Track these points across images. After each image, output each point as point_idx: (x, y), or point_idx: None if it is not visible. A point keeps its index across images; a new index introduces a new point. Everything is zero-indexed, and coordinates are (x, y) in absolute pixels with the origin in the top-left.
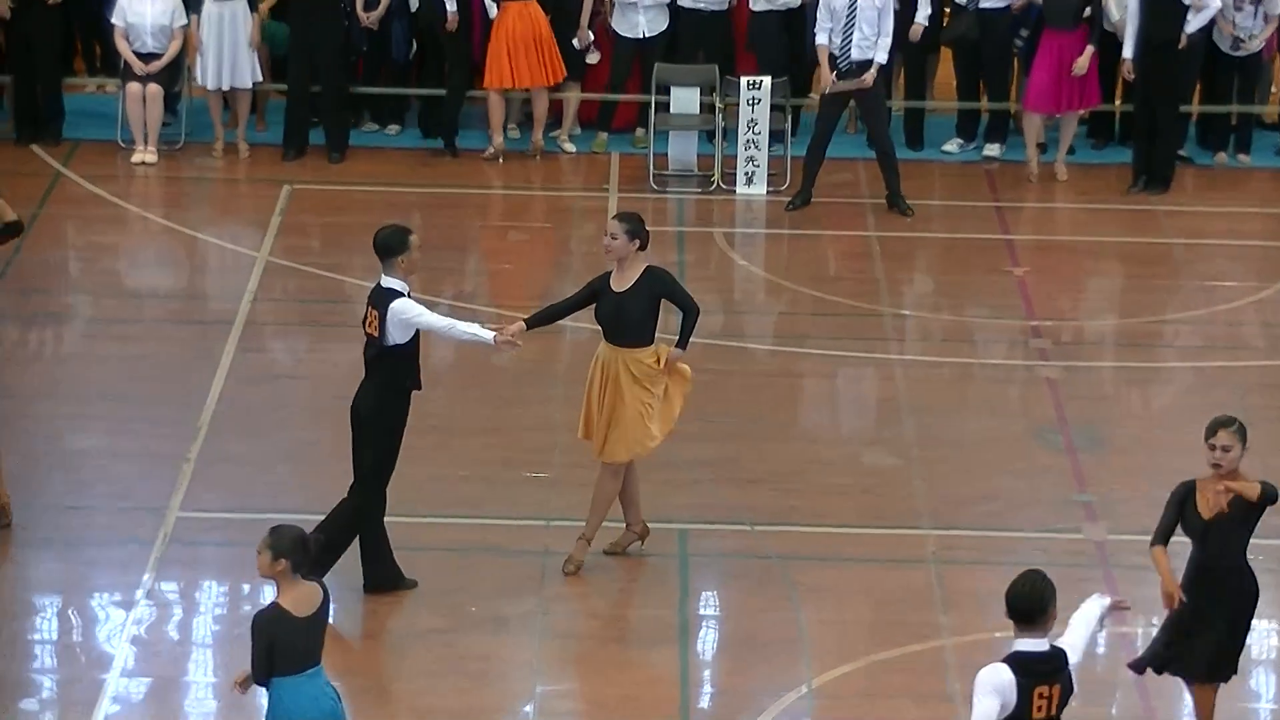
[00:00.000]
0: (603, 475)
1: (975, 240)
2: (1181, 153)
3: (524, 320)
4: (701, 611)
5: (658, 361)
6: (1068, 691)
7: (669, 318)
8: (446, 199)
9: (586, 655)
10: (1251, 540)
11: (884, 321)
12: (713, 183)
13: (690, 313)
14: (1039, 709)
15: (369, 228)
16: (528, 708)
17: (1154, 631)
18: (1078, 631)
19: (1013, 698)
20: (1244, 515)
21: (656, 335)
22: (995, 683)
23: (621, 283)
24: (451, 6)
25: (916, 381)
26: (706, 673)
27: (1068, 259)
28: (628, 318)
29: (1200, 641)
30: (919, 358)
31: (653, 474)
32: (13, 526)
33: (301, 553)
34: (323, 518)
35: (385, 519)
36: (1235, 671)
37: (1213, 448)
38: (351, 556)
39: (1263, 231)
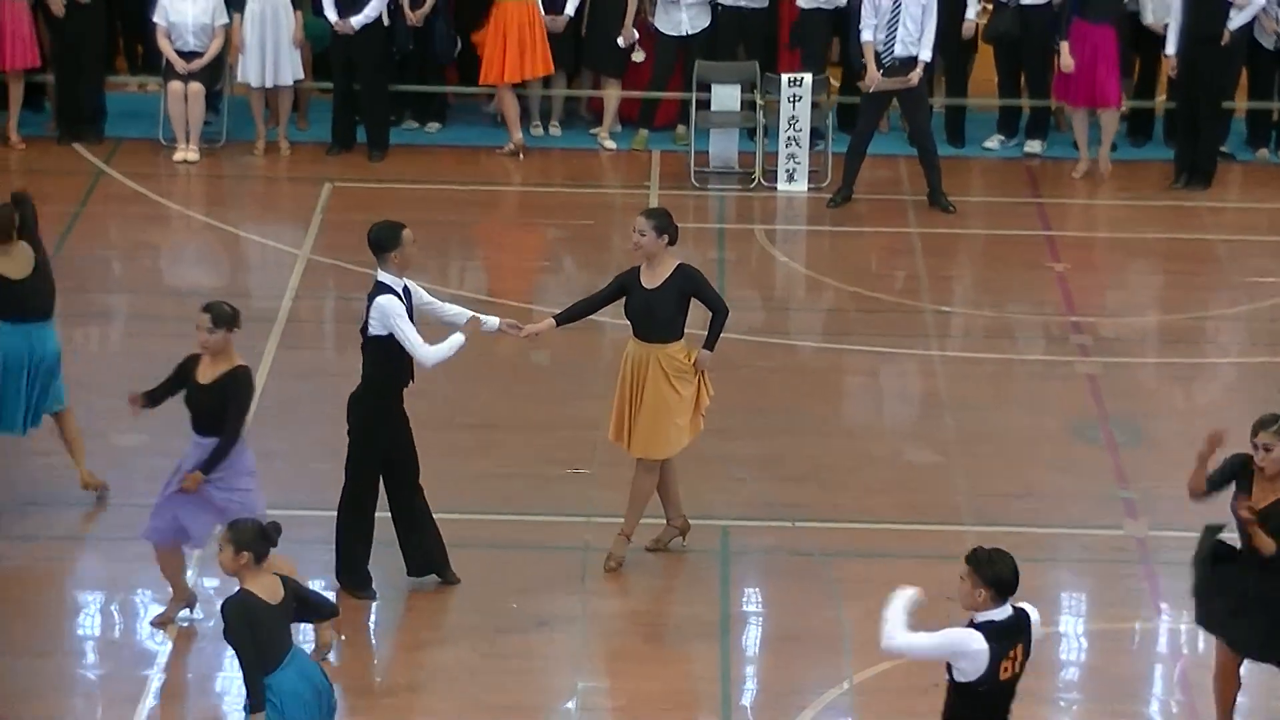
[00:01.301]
0: (638, 472)
1: (1016, 236)
2: (1224, 149)
3: (553, 317)
4: (743, 608)
5: (688, 358)
6: (1029, 651)
7: (704, 314)
8: (487, 196)
9: (628, 651)
10: None
11: (925, 318)
12: (754, 180)
13: (719, 313)
14: (1005, 670)
15: (410, 225)
16: (569, 704)
17: (1199, 627)
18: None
19: (984, 664)
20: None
21: (686, 332)
22: (964, 645)
23: (652, 279)
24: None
25: (958, 377)
26: (748, 668)
27: (1109, 255)
28: (658, 315)
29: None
30: (960, 354)
31: (695, 470)
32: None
33: (263, 543)
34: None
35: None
36: None
37: (1255, 447)
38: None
39: None
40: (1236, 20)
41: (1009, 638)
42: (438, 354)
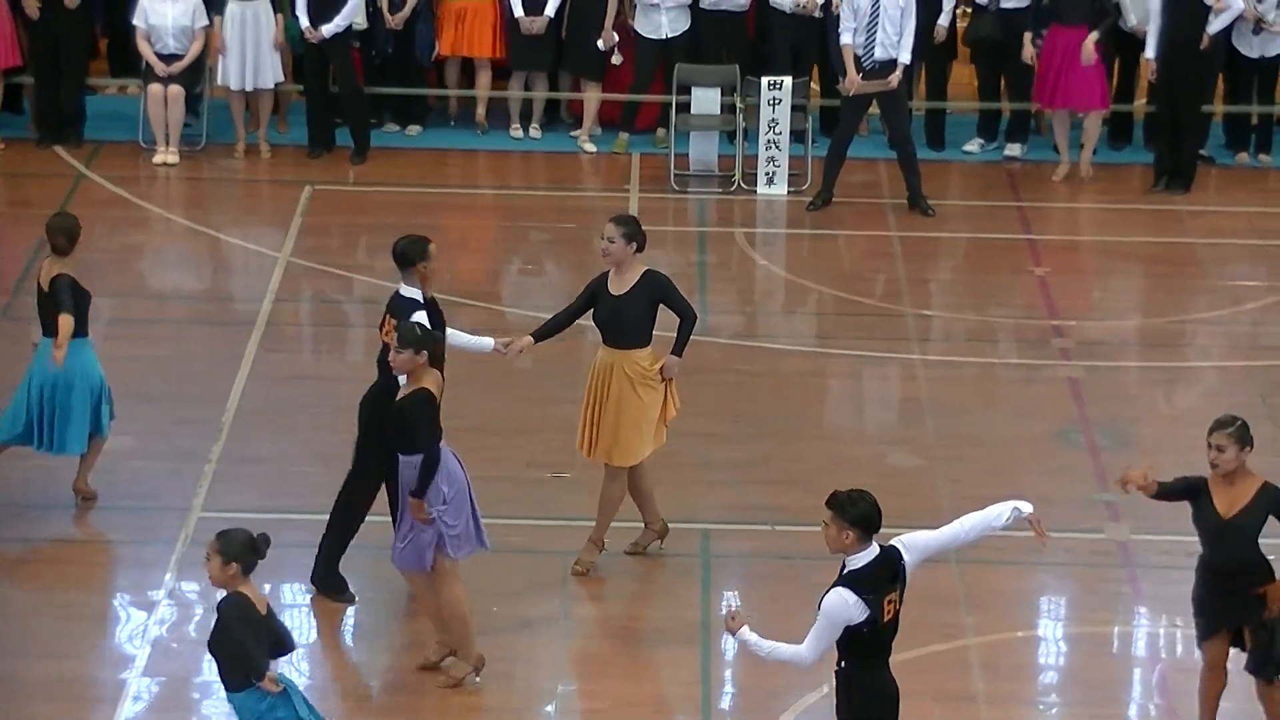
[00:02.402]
0: (606, 479)
1: (997, 240)
2: (1203, 152)
3: (531, 336)
4: (723, 611)
5: (653, 364)
6: (904, 581)
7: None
8: (467, 200)
9: (608, 655)
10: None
11: (906, 321)
12: (734, 183)
13: (687, 319)
14: (888, 613)
15: (390, 229)
16: (550, 708)
17: (1179, 631)
18: (962, 523)
19: (864, 614)
20: (1260, 514)
21: (656, 335)
22: (844, 614)
23: (620, 286)
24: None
25: (939, 381)
26: (728, 673)
27: (1090, 259)
28: (625, 321)
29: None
30: (941, 358)
31: (676, 474)
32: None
33: (251, 554)
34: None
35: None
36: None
37: (1209, 447)
38: (357, 555)
39: None
40: (1215, 24)
41: (883, 580)
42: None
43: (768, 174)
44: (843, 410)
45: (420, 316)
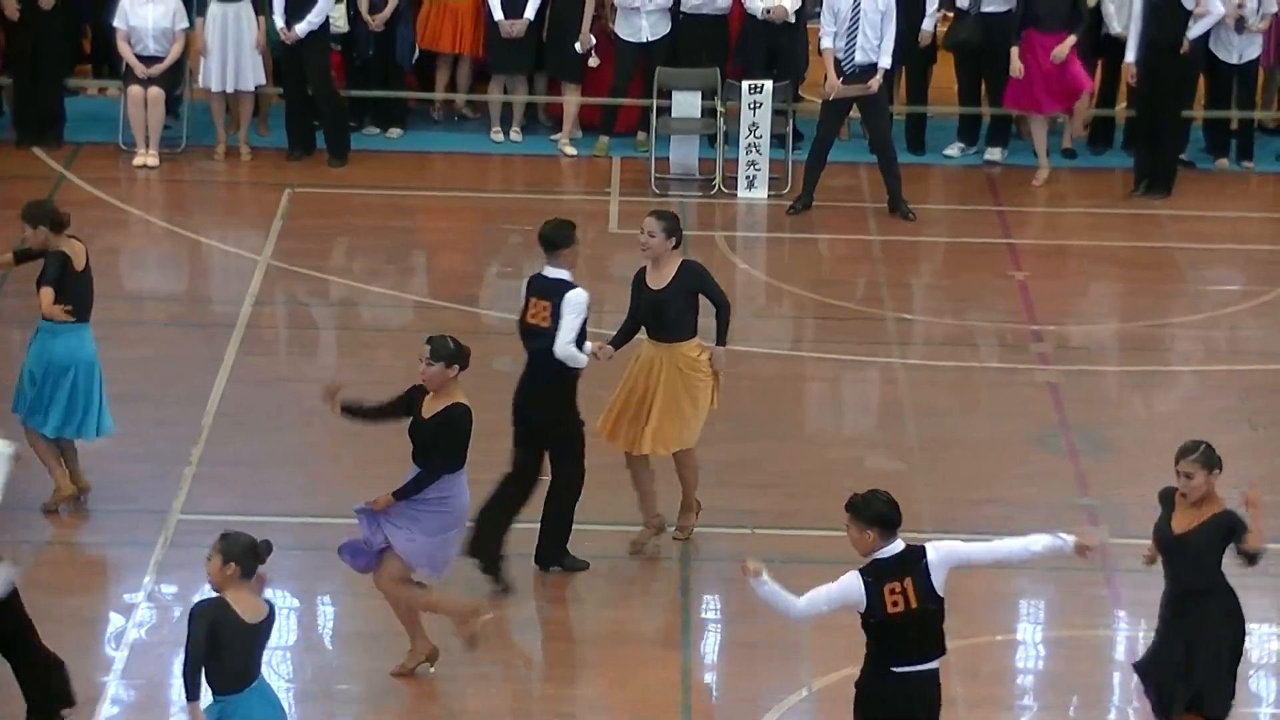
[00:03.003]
0: (678, 466)
1: (977, 244)
2: (1183, 157)
3: (610, 345)
4: (704, 614)
5: (700, 355)
6: (925, 583)
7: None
8: (447, 202)
9: (588, 658)
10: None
11: (886, 325)
12: (714, 186)
13: (723, 308)
14: (893, 603)
15: (370, 231)
16: (529, 710)
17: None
18: (1003, 543)
19: (862, 599)
20: (1216, 537)
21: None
22: (847, 588)
23: (658, 280)
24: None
25: (919, 385)
26: (708, 675)
27: (1069, 263)
28: (667, 314)
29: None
30: (921, 362)
31: (656, 477)
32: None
33: (252, 559)
34: (328, 519)
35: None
36: (1226, 711)
37: (1178, 474)
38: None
39: (1264, 236)
40: (1195, 29)
41: (892, 571)
42: (575, 357)
43: (748, 178)
44: (822, 414)
45: (576, 295)
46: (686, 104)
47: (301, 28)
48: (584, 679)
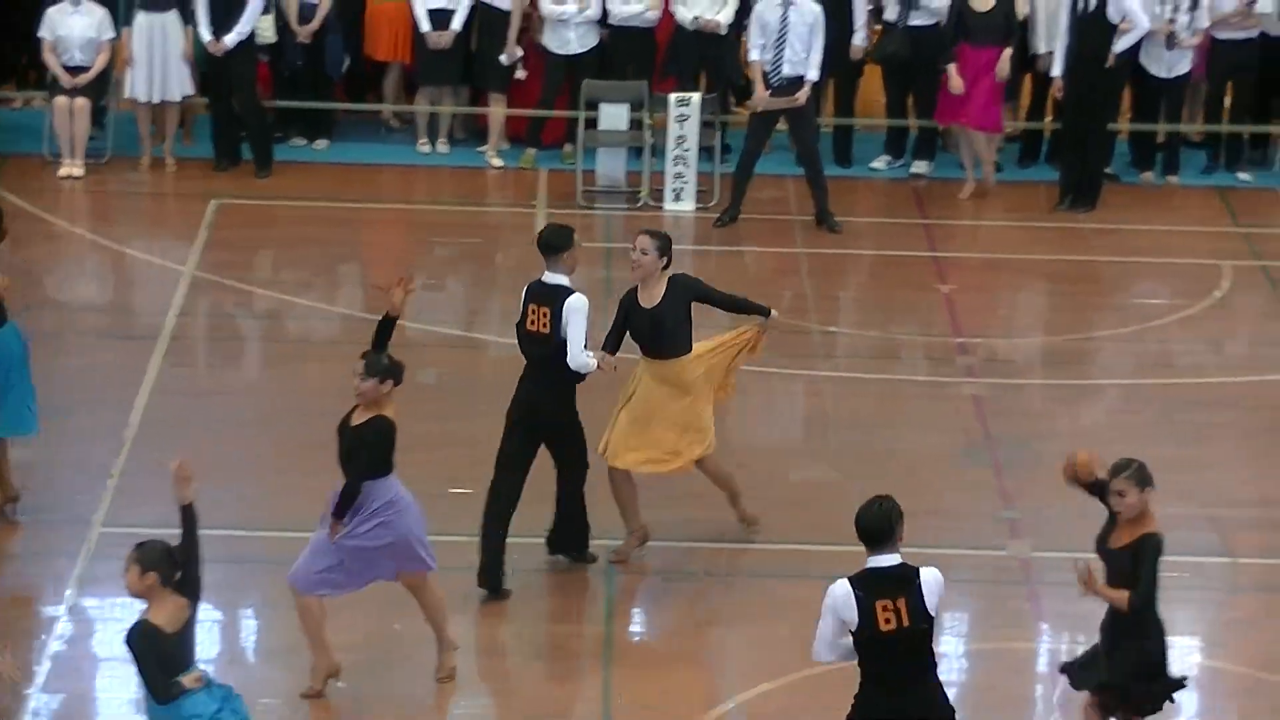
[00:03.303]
0: (710, 473)
1: (903, 257)
2: (1109, 170)
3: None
4: (628, 628)
5: (697, 370)
6: (919, 604)
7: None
8: (374, 214)
9: (511, 671)
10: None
11: (812, 338)
12: (641, 199)
13: (736, 298)
14: (885, 621)
15: (296, 243)
16: None
17: (1080, 648)
18: None
19: (853, 612)
20: (1129, 560)
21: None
22: (830, 602)
23: (650, 298)
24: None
25: (845, 398)
26: (631, 689)
27: (995, 276)
28: (664, 330)
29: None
30: (847, 374)
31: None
32: None
33: (169, 565)
34: (251, 532)
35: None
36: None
37: (1110, 492)
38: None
39: (1189, 249)
40: (1121, 43)
41: (884, 586)
42: (587, 365)
43: (675, 190)
44: (748, 426)
45: (577, 301)
46: (614, 116)
47: (230, 38)
48: (508, 692)
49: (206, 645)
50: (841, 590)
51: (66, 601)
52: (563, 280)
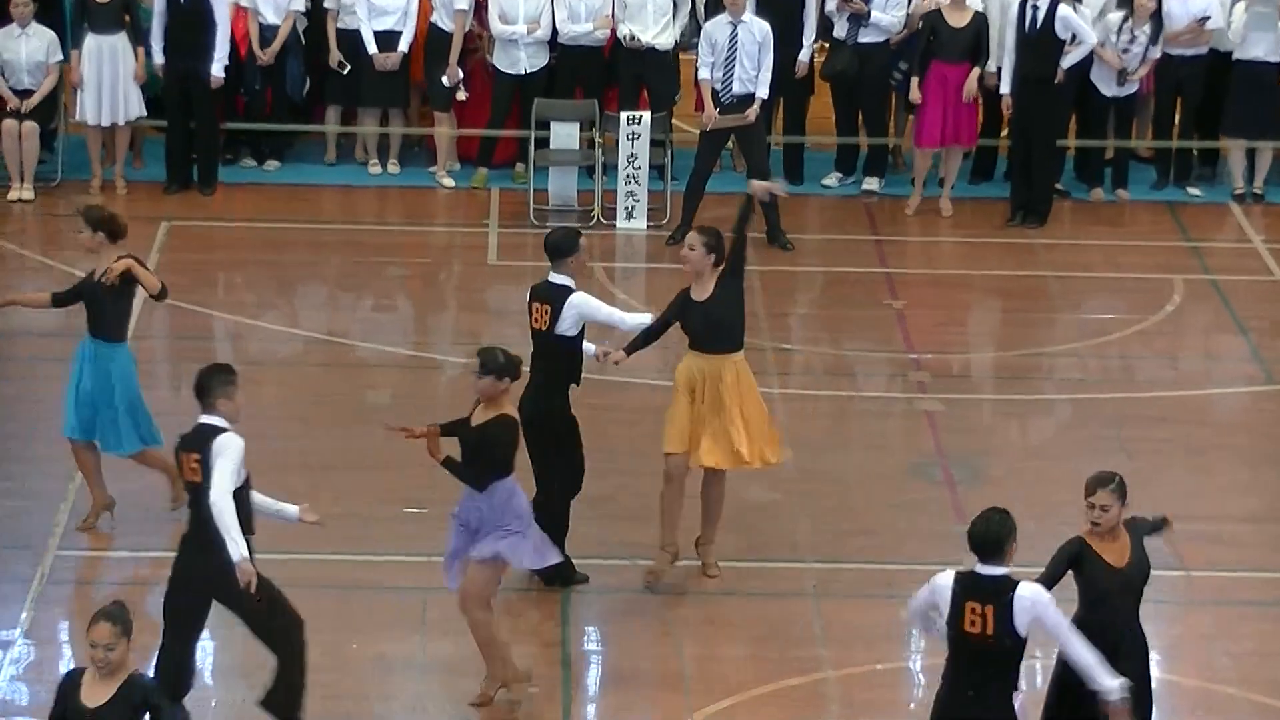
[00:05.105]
0: (712, 484)
1: (855, 274)
2: (1058, 186)
3: (624, 350)
4: (583, 646)
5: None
6: (1006, 618)
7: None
8: (326, 235)
9: (468, 691)
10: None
11: (764, 355)
12: (593, 217)
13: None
14: (971, 623)
15: (248, 264)
16: None
17: (1037, 662)
18: (1082, 652)
19: (946, 603)
20: (1146, 557)
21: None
22: (932, 581)
23: (701, 293)
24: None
25: (797, 415)
26: (589, 707)
27: (946, 292)
28: (719, 322)
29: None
30: (799, 391)
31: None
32: None
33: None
34: None
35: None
36: None
37: (1091, 506)
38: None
39: (1140, 264)
40: (1069, 59)
41: (979, 591)
42: (638, 320)
43: (627, 208)
44: None
45: (586, 297)
46: (565, 135)
47: (217, 69)
48: (463, 713)
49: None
50: (944, 580)
51: (21, 625)
52: (568, 282)
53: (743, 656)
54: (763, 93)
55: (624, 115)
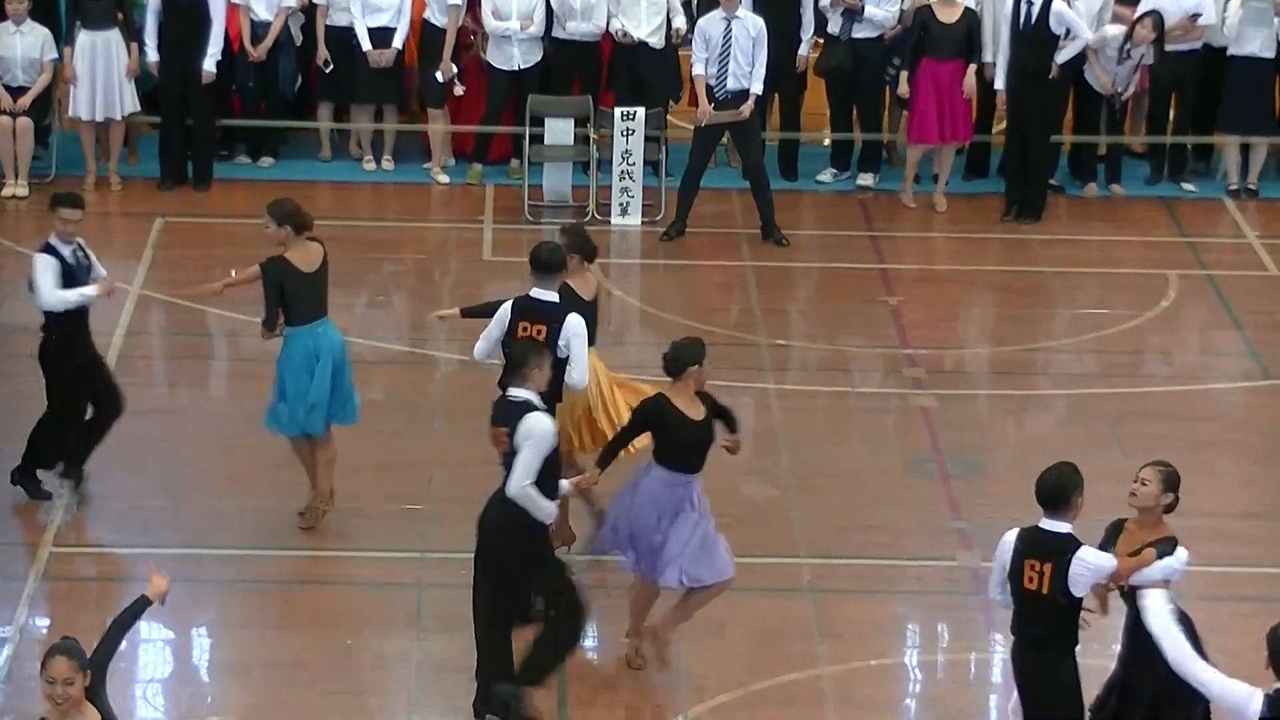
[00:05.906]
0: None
1: (850, 270)
2: (1053, 182)
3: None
4: (581, 642)
5: None
6: (1061, 577)
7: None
8: (320, 231)
9: (462, 688)
10: None
11: (760, 352)
12: (587, 214)
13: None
14: (1030, 580)
15: (242, 260)
16: None
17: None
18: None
19: (1007, 559)
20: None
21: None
22: (1002, 539)
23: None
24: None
25: (793, 411)
26: (585, 703)
27: (942, 288)
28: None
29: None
30: (795, 387)
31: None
32: None
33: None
34: (203, 551)
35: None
36: None
37: (1135, 479)
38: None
39: (1134, 259)
40: (1063, 55)
41: (1040, 547)
42: (584, 380)
43: (621, 205)
44: None
45: (575, 323)
46: (559, 131)
47: (209, 64)
48: (457, 709)
49: (159, 664)
50: (1007, 538)
51: (16, 623)
52: (553, 297)
53: (739, 653)
54: (757, 88)
55: (618, 111)
